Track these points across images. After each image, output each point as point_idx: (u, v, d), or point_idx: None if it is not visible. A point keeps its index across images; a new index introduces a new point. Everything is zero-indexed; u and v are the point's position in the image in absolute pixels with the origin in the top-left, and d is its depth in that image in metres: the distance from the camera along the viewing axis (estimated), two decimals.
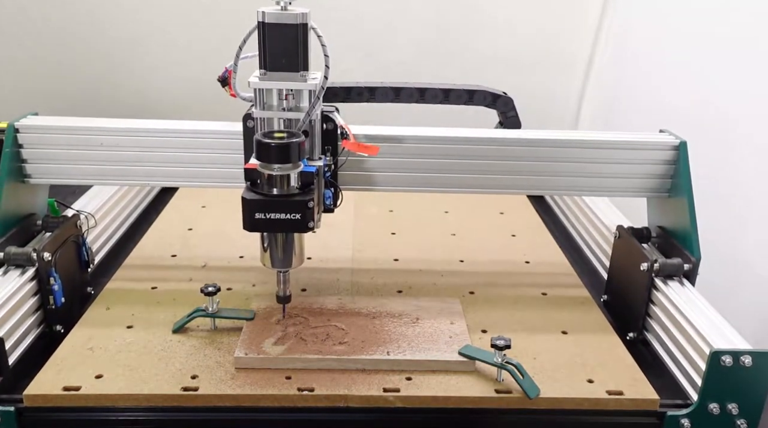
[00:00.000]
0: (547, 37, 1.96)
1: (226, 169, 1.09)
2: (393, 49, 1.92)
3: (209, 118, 1.11)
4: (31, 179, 1.10)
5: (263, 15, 0.90)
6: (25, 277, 1.00)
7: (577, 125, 2.06)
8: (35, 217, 1.12)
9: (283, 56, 0.92)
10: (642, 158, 1.10)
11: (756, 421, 0.89)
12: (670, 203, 1.12)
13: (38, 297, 1.02)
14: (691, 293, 1.03)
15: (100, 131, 1.08)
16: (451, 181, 1.10)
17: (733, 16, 1.44)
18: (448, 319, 1.07)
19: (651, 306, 1.06)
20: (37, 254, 1.00)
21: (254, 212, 0.90)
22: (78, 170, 1.10)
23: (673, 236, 1.11)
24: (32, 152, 1.09)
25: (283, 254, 0.97)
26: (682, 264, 1.05)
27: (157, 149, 1.09)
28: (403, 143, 1.08)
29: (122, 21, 1.89)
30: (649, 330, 1.07)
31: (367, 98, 1.17)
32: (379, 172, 1.09)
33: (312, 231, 0.92)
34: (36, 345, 1.00)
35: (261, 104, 0.96)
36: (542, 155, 1.09)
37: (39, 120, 1.10)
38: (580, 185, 1.12)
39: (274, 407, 0.91)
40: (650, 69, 1.77)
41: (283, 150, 0.88)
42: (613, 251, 1.18)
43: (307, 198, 0.90)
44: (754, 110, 1.36)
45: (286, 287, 1.02)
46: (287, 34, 0.91)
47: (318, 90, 0.94)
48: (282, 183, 0.91)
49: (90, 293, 1.15)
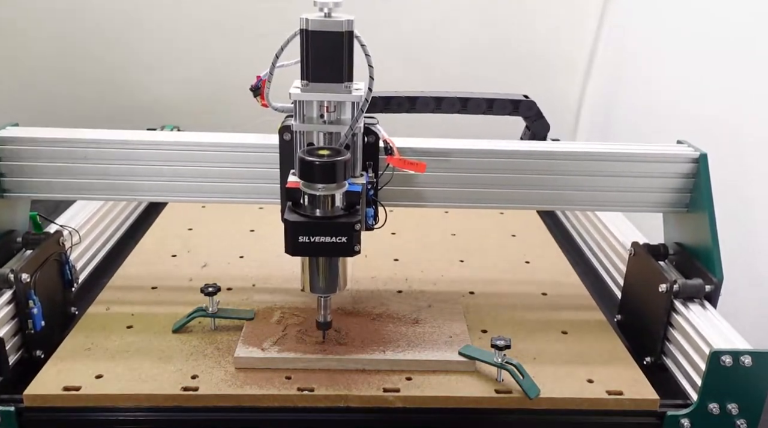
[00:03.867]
0: (546, 37, 1.95)
1: (218, 183, 1.04)
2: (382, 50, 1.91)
3: (213, 127, 1.07)
4: (10, 194, 1.04)
5: (306, 22, 0.84)
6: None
7: (577, 126, 2.06)
8: (15, 234, 1.05)
9: (327, 66, 0.86)
10: (659, 171, 1.05)
11: (756, 421, 0.89)
12: (688, 219, 1.06)
13: (16, 321, 0.95)
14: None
15: (84, 143, 1.02)
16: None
17: (733, 17, 1.44)
18: (448, 319, 1.07)
19: (670, 330, 1.01)
20: (15, 275, 0.93)
21: (298, 235, 0.85)
22: (60, 184, 1.04)
23: (692, 254, 1.05)
24: (11, 166, 1.02)
25: (325, 279, 0.92)
26: (704, 285, 0.99)
27: (145, 163, 1.03)
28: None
29: (122, 24, 1.89)
30: (668, 354, 1.01)
31: (407, 109, 1.10)
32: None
33: (358, 254, 0.87)
34: (14, 371, 0.94)
35: (301, 117, 0.90)
36: (557, 168, 1.04)
37: (19, 131, 1.04)
38: (596, 200, 1.07)
39: (274, 407, 0.91)
40: (650, 70, 1.77)
41: (329, 169, 0.83)
42: (628, 269, 1.12)
43: (354, 220, 0.85)
44: (754, 109, 1.36)
45: (326, 313, 0.97)
46: (332, 42, 0.85)
47: (362, 102, 0.88)
48: (326, 204, 0.86)
49: (74, 313, 1.09)
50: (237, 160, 1.03)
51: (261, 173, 1.03)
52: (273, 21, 1.68)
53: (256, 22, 1.82)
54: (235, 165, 1.03)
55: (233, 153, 1.03)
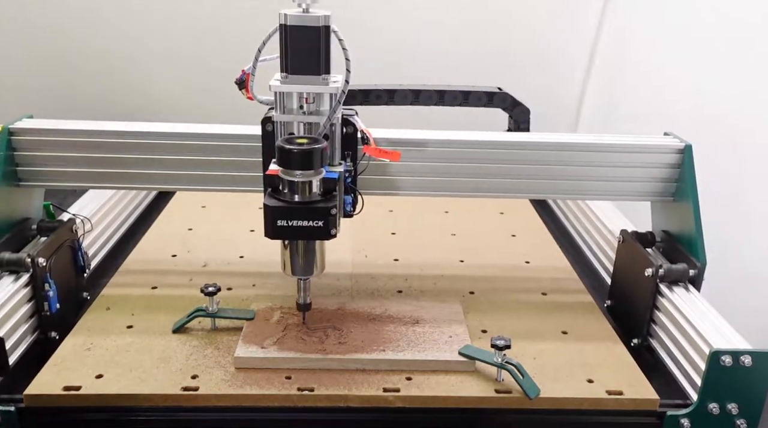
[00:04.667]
0: (546, 37, 1.95)
1: (227, 173, 1.08)
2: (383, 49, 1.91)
3: (211, 119, 1.09)
4: (25, 183, 1.08)
5: (285, 17, 0.88)
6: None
7: (577, 126, 2.06)
8: (30, 221, 1.10)
9: (304, 59, 0.90)
10: (647, 161, 1.08)
11: (756, 421, 0.89)
12: (674, 207, 1.10)
13: (33, 304, 1.00)
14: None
15: (97, 134, 1.06)
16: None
17: (734, 17, 1.44)
18: (448, 319, 1.07)
19: (656, 312, 1.05)
20: (32, 259, 0.98)
21: (276, 219, 0.88)
22: (74, 174, 1.08)
23: (677, 241, 1.09)
24: (26, 156, 1.07)
25: (304, 261, 0.96)
26: (688, 270, 1.04)
27: (155, 153, 1.07)
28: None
29: (123, 21, 1.89)
30: (654, 336, 1.05)
31: (385, 101, 1.13)
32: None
33: (334, 238, 0.91)
34: (31, 351, 0.99)
35: (281, 108, 0.94)
36: (548, 158, 1.07)
37: (34, 123, 1.08)
38: (584, 189, 1.10)
39: (274, 407, 0.91)
40: (650, 70, 1.77)
41: (306, 156, 0.87)
42: (617, 255, 1.16)
43: (330, 205, 0.89)
44: (754, 110, 1.36)
45: (306, 295, 1.01)
46: (309, 36, 0.89)
47: (339, 94, 0.92)
48: (304, 190, 0.89)
49: (86, 298, 1.13)
50: (238, 150, 1.07)
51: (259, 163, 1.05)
52: (275, 17, 1.68)
53: (256, 18, 1.82)
54: (236, 155, 1.07)
55: (235, 144, 1.07)
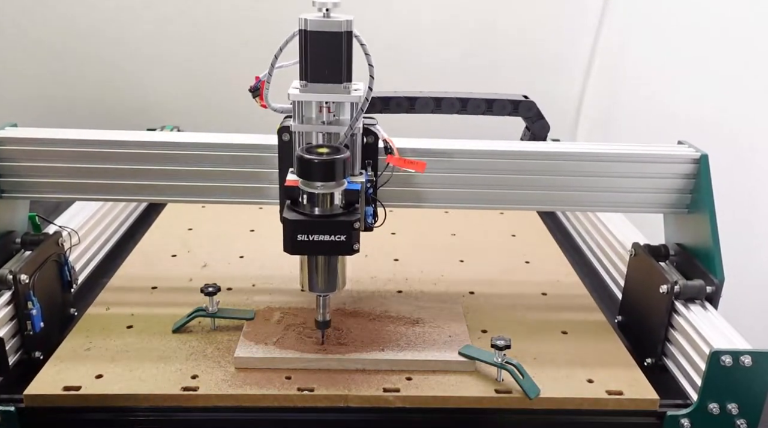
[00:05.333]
0: (546, 38, 1.95)
1: (221, 184, 1.03)
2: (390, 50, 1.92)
3: (213, 127, 1.07)
4: (9, 195, 1.03)
5: (305, 23, 0.83)
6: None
7: (577, 126, 2.06)
8: (14, 234, 1.04)
9: (326, 67, 0.85)
10: (660, 171, 1.04)
11: (756, 421, 0.89)
12: (689, 220, 1.06)
13: (15, 322, 0.95)
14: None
15: (84, 143, 1.01)
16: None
17: (734, 17, 1.44)
18: (448, 319, 1.07)
19: (670, 331, 1.00)
20: (14, 276, 0.93)
21: (297, 234, 0.84)
22: (60, 184, 1.02)
23: (693, 255, 1.04)
24: (10, 166, 1.01)
25: (324, 277, 0.92)
26: (705, 286, 0.99)
27: (146, 163, 1.02)
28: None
29: (122, 25, 1.89)
30: (668, 355, 1.01)
31: (406, 109, 1.10)
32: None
33: (357, 253, 0.86)
34: (13, 373, 0.93)
35: (299, 117, 0.89)
36: (558, 169, 1.04)
37: (17, 132, 1.03)
38: (597, 200, 1.07)
39: (274, 407, 0.91)
40: (650, 70, 1.77)
41: (328, 167, 0.82)
42: (629, 269, 1.12)
43: (353, 218, 0.84)
44: (755, 110, 1.36)
45: (326, 312, 0.97)
46: (331, 42, 0.84)
47: (362, 102, 0.87)
48: (325, 202, 0.85)
49: (73, 314, 1.09)
50: (237, 161, 1.02)
51: (260, 173, 1.02)
52: (274, 21, 1.67)
53: (256, 22, 1.82)
54: (235, 166, 1.02)
55: (233, 154, 1.02)
